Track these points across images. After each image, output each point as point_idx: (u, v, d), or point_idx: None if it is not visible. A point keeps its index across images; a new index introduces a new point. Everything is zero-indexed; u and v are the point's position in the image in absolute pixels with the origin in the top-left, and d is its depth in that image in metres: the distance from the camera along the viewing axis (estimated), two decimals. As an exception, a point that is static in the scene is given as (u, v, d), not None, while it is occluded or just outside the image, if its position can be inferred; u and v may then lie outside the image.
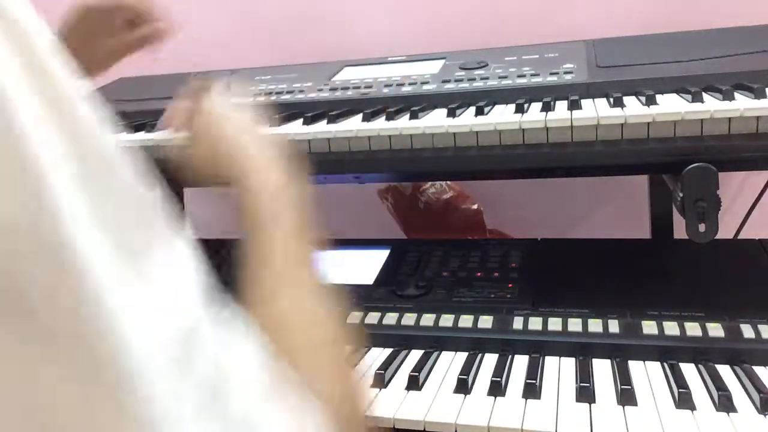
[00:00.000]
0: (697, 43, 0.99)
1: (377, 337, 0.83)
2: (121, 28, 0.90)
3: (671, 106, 0.75)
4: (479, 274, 0.94)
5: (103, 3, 0.88)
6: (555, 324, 0.79)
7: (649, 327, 0.76)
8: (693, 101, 0.74)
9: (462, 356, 0.78)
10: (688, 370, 0.70)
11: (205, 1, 1.51)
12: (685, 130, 0.73)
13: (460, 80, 0.99)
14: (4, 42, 0.26)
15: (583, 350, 0.76)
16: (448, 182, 1.36)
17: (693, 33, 1.04)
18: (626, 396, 0.65)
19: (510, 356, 0.76)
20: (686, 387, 0.65)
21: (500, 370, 0.72)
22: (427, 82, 1.00)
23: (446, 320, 0.83)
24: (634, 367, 0.72)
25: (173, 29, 0.93)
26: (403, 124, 0.82)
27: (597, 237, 1.08)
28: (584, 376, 0.69)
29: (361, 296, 0.91)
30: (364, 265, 1.00)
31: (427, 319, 0.83)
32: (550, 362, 0.75)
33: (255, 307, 0.43)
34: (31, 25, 0.28)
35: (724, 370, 0.70)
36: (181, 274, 0.32)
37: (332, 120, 0.87)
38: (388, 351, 0.80)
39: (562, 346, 0.77)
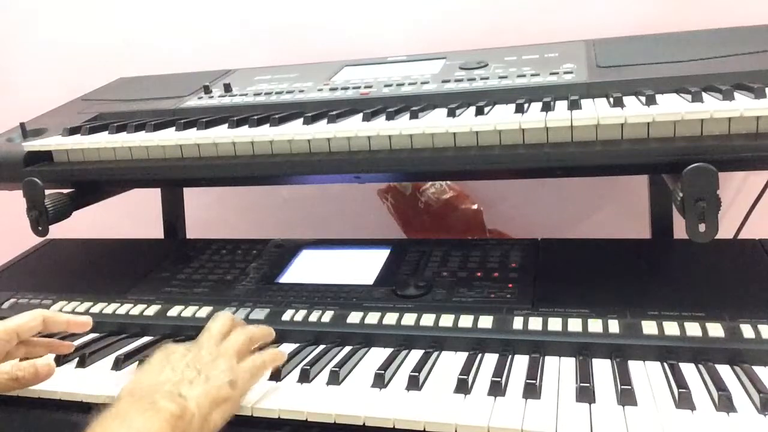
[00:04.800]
0: (697, 43, 0.99)
1: (377, 337, 0.83)
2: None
3: (671, 106, 0.75)
4: (479, 274, 0.93)
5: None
6: (555, 324, 0.79)
7: (649, 327, 0.76)
8: (693, 101, 0.74)
9: (462, 356, 0.77)
10: (688, 370, 0.70)
11: (206, 3, 1.51)
12: (685, 130, 0.73)
13: (460, 80, 0.99)
14: None
15: (583, 350, 0.76)
16: (448, 182, 1.36)
17: (693, 33, 1.04)
18: (626, 396, 0.65)
19: (510, 356, 0.76)
20: (686, 387, 0.65)
21: (500, 370, 0.72)
22: (427, 82, 1.00)
23: (446, 320, 0.83)
24: (634, 367, 0.72)
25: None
26: (403, 124, 0.82)
27: (597, 237, 1.07)
28: (584, 376, 0.69)
29: (361, 296, 0.91)
30: (364, 265, 1.00)
31: (427, 319, 0.83)
32: (550, 362, 0.75)
33: None
34: None
35: (724, 370, 0.70)
36: None
37: (332, 120, 0.87)
38: (388, 351, 0.80)
39: (562, 346, 0.77)
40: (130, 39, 1.57)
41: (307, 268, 1.03)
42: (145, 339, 0.90)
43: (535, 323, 0.80)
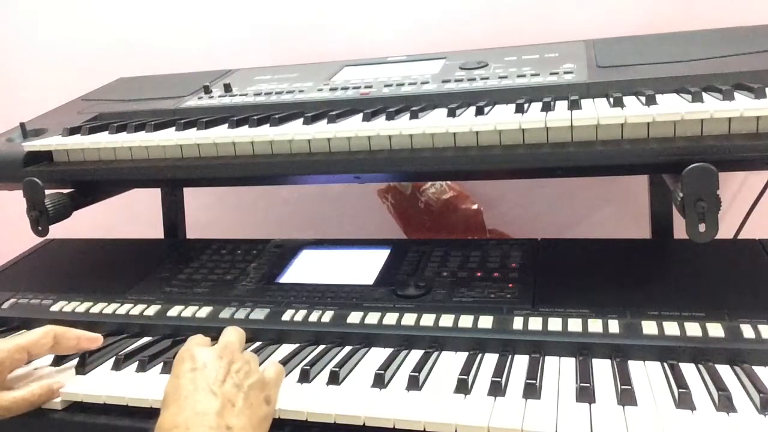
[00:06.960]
0: (697, 43, 0.99)
1: (377, 337, 0.83)
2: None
3: (671, 106, 0.75)
4: (479, 274, 0.93)
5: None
6: (555, 324, 0.79)
7: (649, 327, 0.76)
8: (693, 101, 0.74)
9: (462, 356, 0.77)
10: (688, 370, 0.70)
11: (206, 3, 1.51)
12: (685, 130, 0.73)
13: (460, 80, 0.99)
14: None
15: (583, 350, 0.76)
16: (448, 182, 1.36)
17: (693, 33, 1.04)
18: (626, 396, 0.65)
19: (510, 356, 0.76)
20: (686, 387, 0.65)
21: (500, 370, 0.72)
22: (427, 82, 1.00)
23: (446, 320, 0.83)
24: (634, 367, 0.72)
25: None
26: (403, 124, 0.82)
27: (597, 237, 1.07)
28: (584, 376, 0.69)
29: (361, 296, 0.91)
30: (364, 265, 1.00)
31: (427, 319, 0.83)
32: (550, 362, 0.75)
33: None
34: None
35: (724, 370, 0.70)
36: None
37: (332, 120, 0.87)
38: (388, 351, 0.80)
39: (562, 346, 0.77)
40: (130, 39, 1.57)
41: (307, 268, 1.03)
42: (145, 339, 0.90)
43: (535, 323, 0.80)
